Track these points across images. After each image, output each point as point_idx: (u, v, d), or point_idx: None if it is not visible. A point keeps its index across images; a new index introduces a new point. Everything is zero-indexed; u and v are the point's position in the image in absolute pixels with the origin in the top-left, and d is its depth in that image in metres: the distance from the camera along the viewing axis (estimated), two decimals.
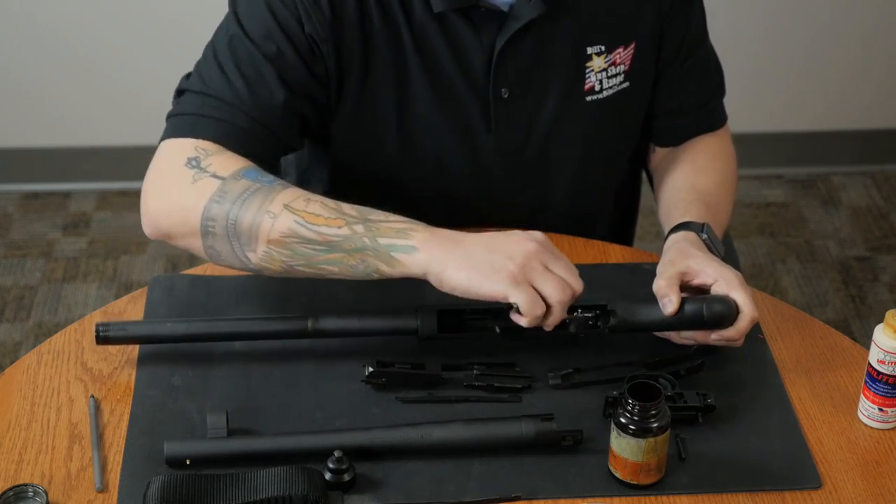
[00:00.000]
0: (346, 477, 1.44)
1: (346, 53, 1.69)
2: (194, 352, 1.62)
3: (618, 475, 1.46)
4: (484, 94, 1.75)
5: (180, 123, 1.66)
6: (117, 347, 1.63)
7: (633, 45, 1.78)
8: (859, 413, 1.56)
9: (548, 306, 1.50)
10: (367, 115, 1.74)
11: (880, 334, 1.51)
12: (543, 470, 1.47)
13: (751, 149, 3.40)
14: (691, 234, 1.69)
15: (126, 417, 1.53)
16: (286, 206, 1.54)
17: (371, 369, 1.56)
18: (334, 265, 1.54)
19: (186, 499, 1.40)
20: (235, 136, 1.64)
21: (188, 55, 1.88)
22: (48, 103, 3.30)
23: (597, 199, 1.92)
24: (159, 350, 1.62)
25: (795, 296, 3.07)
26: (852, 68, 3.36)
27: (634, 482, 1.46)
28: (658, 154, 1.93)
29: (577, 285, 1.52)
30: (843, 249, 3.23)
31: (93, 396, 1.56)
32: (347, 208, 1.55)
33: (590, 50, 1.76)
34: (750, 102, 3.29)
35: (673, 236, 1.70)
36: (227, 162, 1.59)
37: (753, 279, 3.10)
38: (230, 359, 1.61)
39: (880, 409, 1.54)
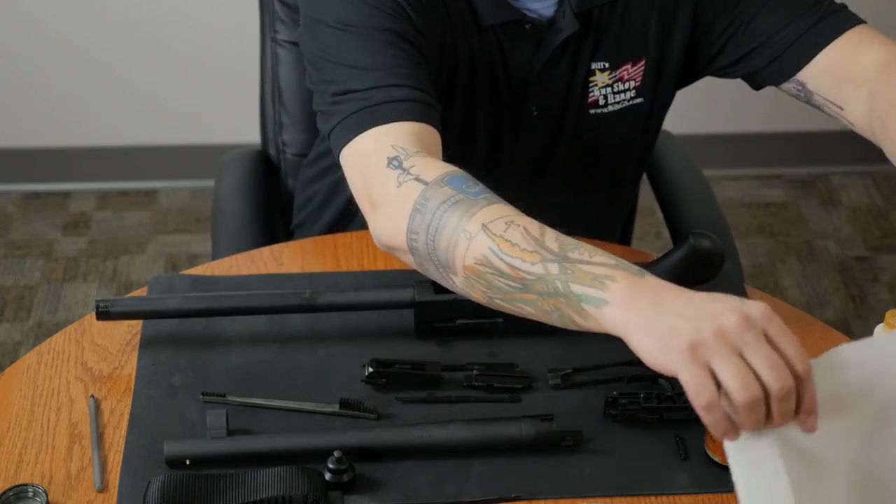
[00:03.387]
0: (346, 477, 1.44)
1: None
2: (194, 352, 1.62)
3: (717, 459, 1.47)
4: (517, 112, 1.76)
5: (350, 124, 1.49)
6: (117, 347, 1.63)
7: (642, 62, 1.79)
8: None
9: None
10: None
11: (880, 334, 1.51)
12: (543, 470, 1.47)
13: (751, 149, 3.41)
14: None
15: (126, 417, 1.53)
16: (484, 228, 1.32)
17: (371, 369, 1.56)
18: (529, 306, 1.31)
19: (186, 499, 1.40)
20: (410, 110, 1.48)
21: (188, 55, 1.89)
22: (48, 103, 3.30)
23: (603, 211, 1.94)
24: (159, 350, 1.62)
25: (795, 296, 3.07)
26: None
27: None
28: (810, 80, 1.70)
29: (799, 367, 1.16)
30: (843, 249, 3.23)
31: (93, 396, 1.56)
32: (550, 240, 1.30)
33: (594, 66, 1.77)
34: (750, 102, 3.28)
35: None
36: (430, 164, 1.41)
37: (753, 279, 3.10)
38: (230, 359, 1.61)
39: None
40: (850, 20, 1.73)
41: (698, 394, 1.15)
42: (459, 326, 1.64)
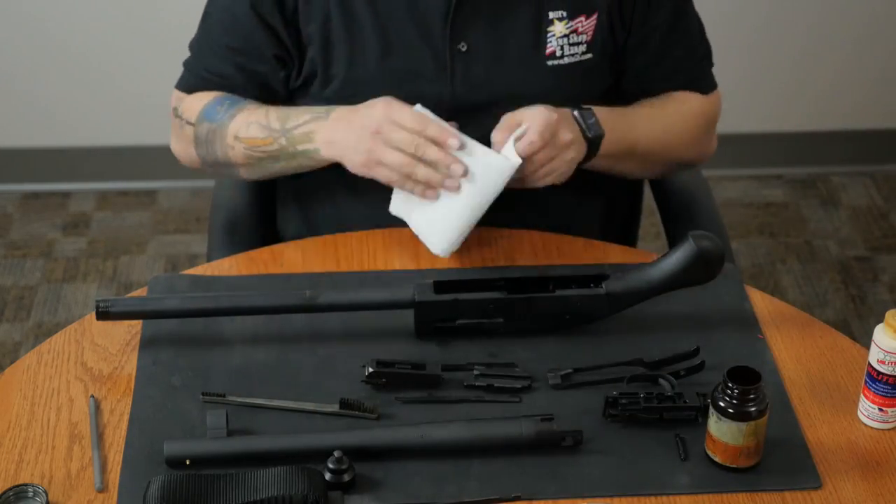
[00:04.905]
0: (346, 477, 1.44)
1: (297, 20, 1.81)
2: (194, 352, 1.62)
3: (717, 459, 1.47)
4: (441, 47, 1.76)
5: (180, 75, 1.93)
6: (117, 347, 1.63)
7: (595, 16, 1.79)
8: (859, 413, 1.56)
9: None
10: (320, 67, 1.83)
11: (880, 334, 1.51)
12: (543, 470, 1.47)
13: (751, 149, 3.40)
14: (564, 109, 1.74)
15: (126, 417, 1.53)
16: (236, 137, 1.82)
17: (371, 370, 1.56)
18: (289, 170, 1.83)
19: (186, 499, 1.40)
20: (205, 83, 1.88)
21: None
22: (48, 103, 3.29)
23: (580, 182, 1.91)
24: (159, 350, 1.62)
25: (795, 296, 3.07)
26: (852, 68, 3.36)
27: (734, 465, 1.47)
28: None
29: (426, 132, 1.68)
30: (843, 249, 3.23)
31: (93, 396, 1.56)
32: (274, 121, 1.80)
33: (551, 14, 1.78)
34: (749, 102, 3.29)
35: None
36: (194, 105, 1.87)
37: (753, 279, 3.10)
38: (230, 359, 1.62)
39: (880, 409, 1.54)
40: (701, 84, 1.93)
41: (388, 179, 1.71)
42: (459, 326, 1.64)
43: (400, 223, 1.78)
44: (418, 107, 1.71)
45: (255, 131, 1.80)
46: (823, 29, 3.30)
